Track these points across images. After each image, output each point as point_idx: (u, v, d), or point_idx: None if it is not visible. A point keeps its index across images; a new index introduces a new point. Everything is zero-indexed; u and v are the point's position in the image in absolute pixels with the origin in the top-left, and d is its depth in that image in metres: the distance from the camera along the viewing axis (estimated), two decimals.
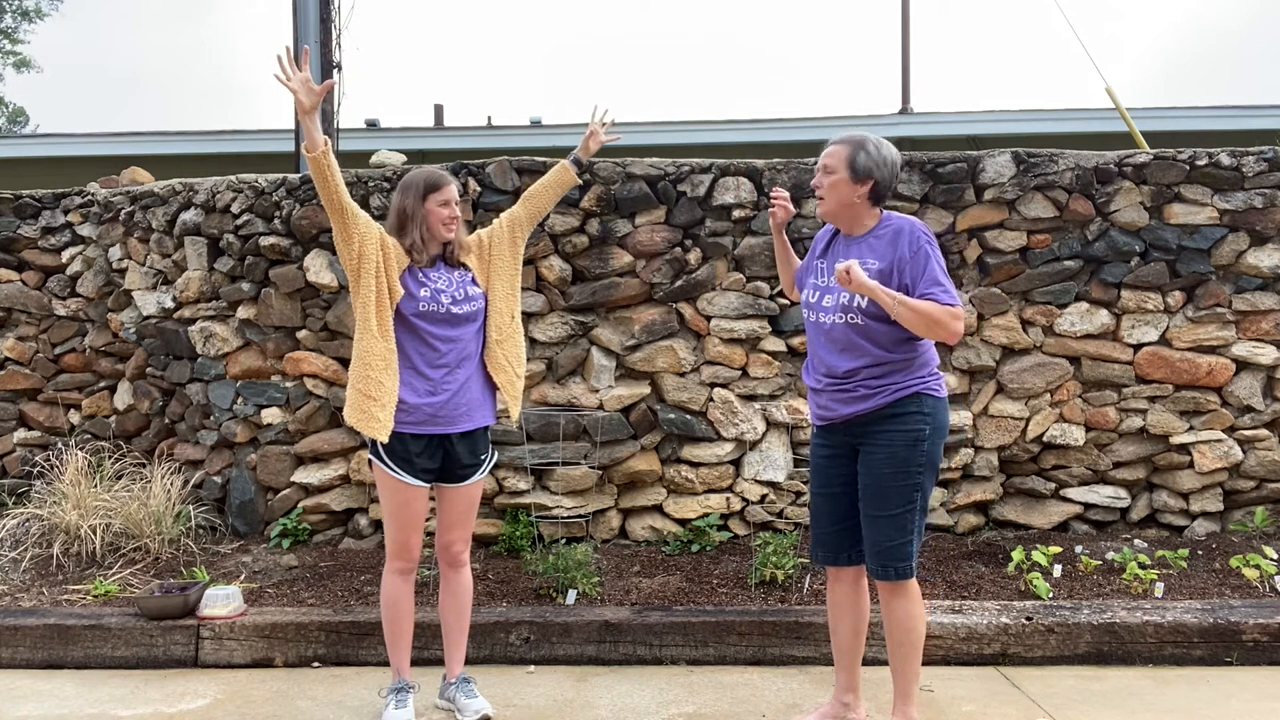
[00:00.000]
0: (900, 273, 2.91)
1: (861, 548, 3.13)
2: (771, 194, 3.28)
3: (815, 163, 3.12)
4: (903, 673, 3.06)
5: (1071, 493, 4.86)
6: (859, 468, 3.05)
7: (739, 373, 4.82)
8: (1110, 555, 4.41)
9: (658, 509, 4.90)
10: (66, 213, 6.05)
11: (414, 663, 3.48)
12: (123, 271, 5.67)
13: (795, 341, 4.80)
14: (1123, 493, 4.86)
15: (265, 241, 4.94)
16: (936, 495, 4.82)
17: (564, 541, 4.70)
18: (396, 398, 3.17)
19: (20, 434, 6.02)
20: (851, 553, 3.14)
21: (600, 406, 4.80)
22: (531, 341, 4.80)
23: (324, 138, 3.09)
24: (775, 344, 4.81)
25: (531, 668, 3.85)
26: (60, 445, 5.60)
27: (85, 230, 5.98)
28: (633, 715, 3.39)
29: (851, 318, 2.97)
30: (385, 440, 3.17)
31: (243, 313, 5.06)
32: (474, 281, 3.34)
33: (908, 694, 3.07)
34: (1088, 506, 4.86)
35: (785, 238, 3.39)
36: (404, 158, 5.77)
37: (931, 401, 2.99)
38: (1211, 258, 4.75)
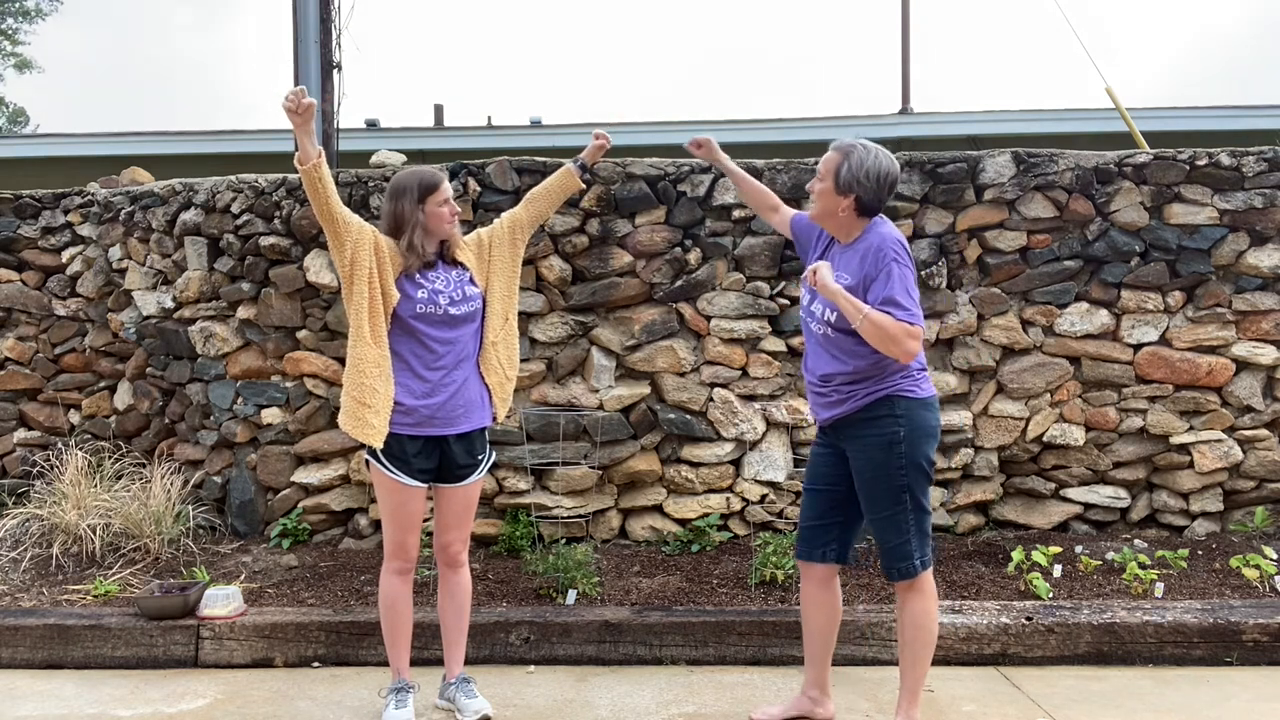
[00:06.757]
0: (865, 290, 2.93)
1: (835, 548, 3.20)
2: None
3: (816, 162, 3.13)
4: (911, 670, 3.08)
5: (1071, 493, 4.86)
6: (852, 472, 3.11)
7: (739, 373, 4.82)
8: (1110, 555, 4.40)
9: (658, 509, 4.90)
10: (66, 213, 6.05)
11: (414, 663, 3.48)
12: (123, 271, 5.67)
13: (795, 341, 4.80)
14: (1123, 493, 4.86)
15: (265, 241, 4.94)
16: (936, 495, 4.81)
17: (564, 541, 4.70)
18: (391, 403, 3.16)
19: (20, 434, 6.02)
20: (825, 550, 3.19)
21: (600, 406, 4.80)
22: (531, 341, 4.80)
23: (317, 149, 3.06)
24: (775, 344, 4.81)
25: (531, 668, 3.85)
26: (60, 445, 5.60)
27: (85, 230, 5.98)
28: (633, 715, 3.39)
29: (826, 330, 3.04)
30: (380, 446, 3.17)
31: (243, 313, 5.06)
32: (472, 281, 3.33)
33: (914, 692, 3.08)
34: (1088, 506, 4.86)
35: (729, 164, 3.63)
36: (404, 158, 5.76)
37: (905, 403, 2.99)
38: (1211, 258, 4.75)
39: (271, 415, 5.03)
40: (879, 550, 3.09)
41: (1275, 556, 4.31)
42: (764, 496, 4.83)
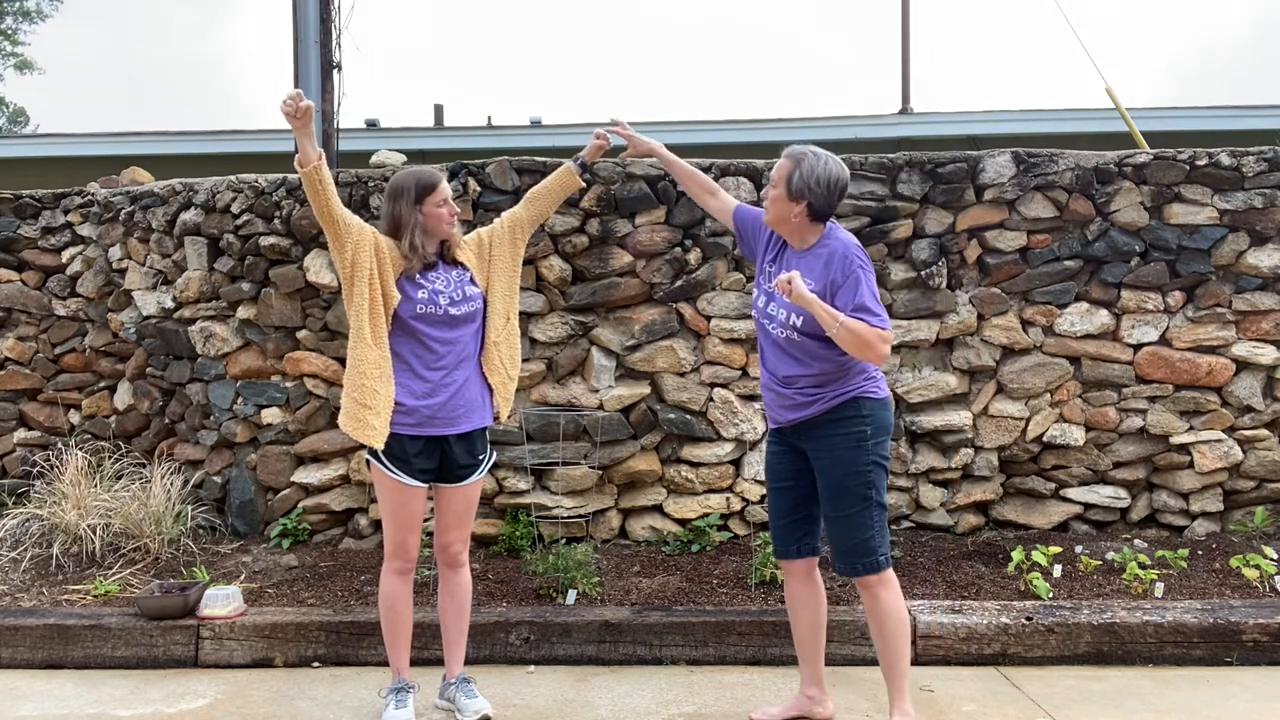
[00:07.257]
0: (832, 296, 2.99)
1: (809, 541, 3.24)
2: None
3: None
4: (893, 667, 3.12)
5: (1071, 493, 4.86)
6: (815, 471, 3.14)
7: (739, 373, 4.83)
8: (1110, 555, 4.40)
9: (658, 509, 4.90)
10: (66, 213, 6.04)
11: (414, 663, 3.48)
12: (123, 271, 5.67)
13: None
14: (1123, 493, 4.86)
15: (265, 241, 4.94)
16: (936, 495, 4.83)
17: (564, 541, 4.70)
18: (392, 404, 3.17)
19: (20, 434, 6.02)
20: (801, 545, 3.24)
21: (600, 406, 4.80)
22: (531, 341, 4.80)
23: (318, 152, 3.07)
24: None
25: (531, 668, 3.85)
26: (60, 445, 5.60)
27: (85, 230, 5.98)
28: (633, 715, 3.39)
29: (790, 334, 3.08)
30: (380, 447, 3.17)
31: (243, 313, 5.06)
32: (472, 281, 3.33)
33: (901, 689, 3.12)
34: (1088, 506, 4.86)
35: (654, 146, 3.51)
36: (404, 158, 5.76)
37: (870, 404, 3.08)
38: (1211, 258, 4.75)
39: (271, 415, 5.03)
40: (839, 549, 3.10)
41: (1275, 556, 4.31)
42: (764, 496, 4.82)
